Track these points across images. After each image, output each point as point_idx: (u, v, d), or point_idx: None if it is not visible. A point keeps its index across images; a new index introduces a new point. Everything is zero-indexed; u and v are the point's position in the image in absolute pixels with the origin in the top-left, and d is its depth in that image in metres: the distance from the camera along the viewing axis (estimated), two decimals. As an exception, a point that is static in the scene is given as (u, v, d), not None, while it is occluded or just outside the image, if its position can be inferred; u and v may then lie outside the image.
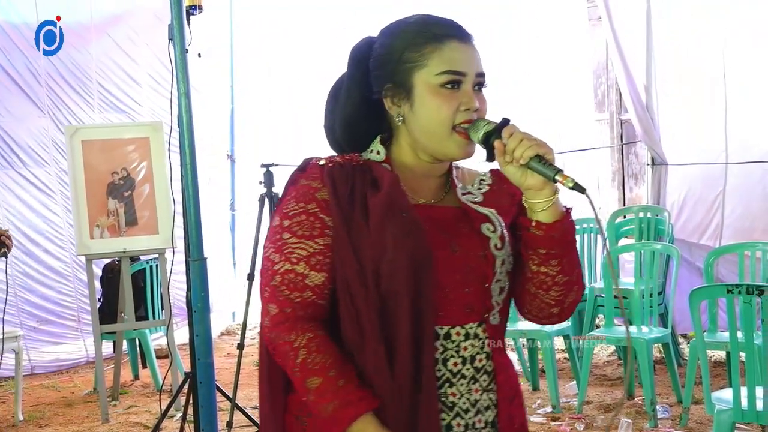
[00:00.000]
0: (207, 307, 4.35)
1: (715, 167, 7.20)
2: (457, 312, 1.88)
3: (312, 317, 1.88)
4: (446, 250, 1.87)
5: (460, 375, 1.89)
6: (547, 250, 1.86)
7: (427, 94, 1.88)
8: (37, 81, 7.77)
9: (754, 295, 4.11)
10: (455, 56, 1.88)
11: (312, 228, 1.87)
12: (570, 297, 1.93)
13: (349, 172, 1.90)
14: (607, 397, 6.17)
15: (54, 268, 7.87)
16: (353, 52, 2.02)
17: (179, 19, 4.30)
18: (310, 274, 1.87)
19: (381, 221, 1.84)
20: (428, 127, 1.89)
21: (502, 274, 1.92)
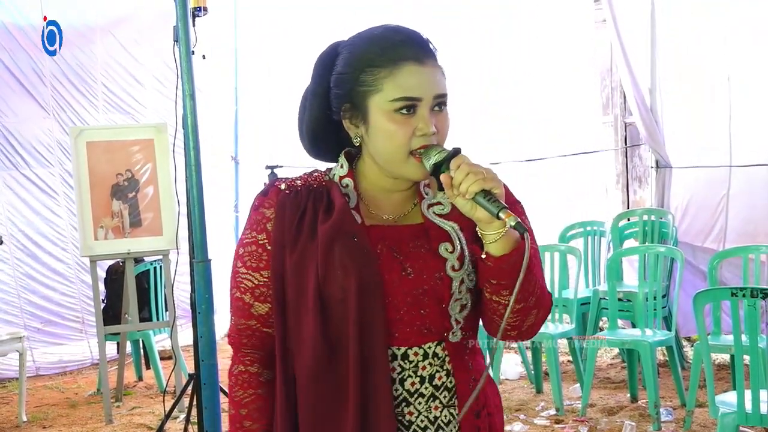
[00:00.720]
0: (211, 309, 4.35)
1: (720, 170, 7.19)
2: (413, 333, 1.88)
3: (254, 346, 1.98)
4: (398, 273, 1.86)
5: (418, 394, 1.90)
6: (497, 281, 1.82)
7: (381, 119, 1.85)
8: (42, 82, 7.78)
9: (758, 298, 4.11)
10: (410, 81, 1.84)
11: (259, 260, 1.94)
12: (528, 321, 1.89)
13: (304, 197, 1.92)
14: (610, 399, 6.17)
15: (57, 269, 7.88)
16: (318, 61, 2.00)
17: (184, 21, 4.31)
18: (255, 305, 1.96)
19: (329, 246, 1.85)
20: (384, 152, 1.88)
21: (462, 293, 1.89)
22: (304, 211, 1.91)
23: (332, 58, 1.96)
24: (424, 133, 1.84)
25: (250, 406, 1.96)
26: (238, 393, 1.97)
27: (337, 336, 1.85)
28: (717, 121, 7.16)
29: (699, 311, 4.45)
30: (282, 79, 9.05)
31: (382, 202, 1.95)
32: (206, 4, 4.84)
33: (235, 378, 1.98)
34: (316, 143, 2.01)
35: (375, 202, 1.95)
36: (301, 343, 1.89)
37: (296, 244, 1.89)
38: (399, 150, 1.85)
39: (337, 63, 1.93)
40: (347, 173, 1.95)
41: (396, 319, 1.86)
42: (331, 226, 1.86)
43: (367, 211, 1.93)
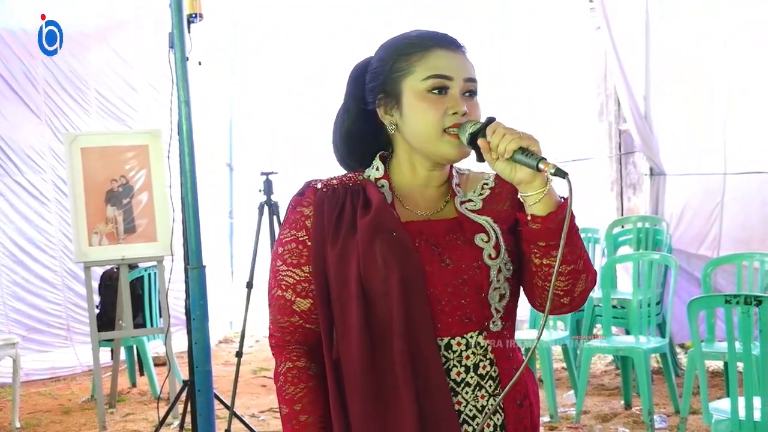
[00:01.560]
0: (205, 315, 4.36)
1: (714, 178, 7.21)
2: (455, 323, 1.92)
3: (298, 342, 2.01)
4: (437, 264, 1.92)
5: (464, 383, 1.93)
6: (546, 242, 1.87)
7: (414, 99, 1.93)
8: (34, 88, 7.77)
9: (752, 305, 4.11)
10: (440, 62, 1.93)
11: (300, 256, 1.98)
12: (579, 286, 1.94)
13: (341, 195, 1.98)
14: (604, 406, 6.17)
15: (44, 276, 7.86)
16: (352, 71, 2.08)
17: (180, 27, 4.32)
18: (297, 301, 1.98)
19: (370, 241, 1.90)
20: (418, 132, 1.94)
21: (500, 282, 1.94)
22: (342, 207, 1.96)
23: (365, 64, 2.05)
24: (456, 111, 1.91)
25: (304, 400, 1.97)
26: (290, 390, 1.98)
27: (380, 330, 1.89)
28: (711, 129, 7.19)
29: (693, 318, 4.45)
30: (277, 86, 9.07)
31: (417, 198, 2.00)
32: (201, 10, 4.84)
33: (284, 376, 1.99)
34: (350, 143, 2.06)
35: (409, 199, 2.00)
36: (347, 335, 1.92)
37: (337, 238, 1.93)
38: (433, 128, 1.91)
39: (370, 64, 2.03)
40: (383, 175, 2.02)
41: (438, 310, 1.90)
42: (371, 221, 1.91)
43: (402, 209, 1.98)
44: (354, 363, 1.91)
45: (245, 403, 6.55)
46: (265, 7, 8.93)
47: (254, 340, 8.75)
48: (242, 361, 5.59)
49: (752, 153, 7.09)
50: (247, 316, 5.54)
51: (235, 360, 5.60)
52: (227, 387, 6.37)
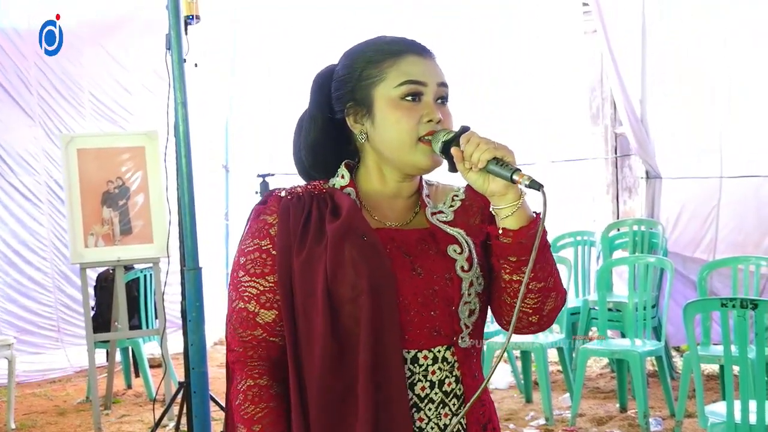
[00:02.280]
0: (201, 317, 4.35)
1: (710, 181, 7.22)
2: (424, 335, 1.86)
3: (261, 357, 1.91)
4: (408, 272, 1.85)
5: (428, 399, 1.87)
6: (516, 257, 1.81)
7: (387, 107, 1.88)
8: (27, 90, 7.77)
9: (748, 308, 4.12)
10: (413, 68, 1.88)
11: (264, 265, 1.90)
12: (548, 304, 1.88)
13: (307, 202, 1.91)
14: (600, 409, 6.17)
15: (35, 278, 7.86)
16: (316, 78, 2.02)
17: (177, 29, 4.31)
18: (260, 312, 1.90)
19: (339, 244, 1.83)
20: (392, 141, 1.88)
21: (471, 296, 1.89)
22: (309, 214, 1.89)
23: (329, 71, 2.00)
24: (431, 118, 1.86)
25: (264, 420, 1.87)
26: (249, 409, 1.87)
27: (346, 337, 1.82)
28: (708, 132, 7.19)
29: (689, 321, 4.46)
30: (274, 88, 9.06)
31: (385, 209, 1.95)
32: (198, 12, 4.84)
33: (243, 394, 1.89)
34: (315, 154, 1.99)
35: (378, 209, 1.94)
36: (310, 346, 1.84)
37: (303, 245, 1.86)
38: (407, 136, 1.86)
39: (336, 72, 1.97)
40: (348, 183, 1.95)
41: (407, 321, 1.84)
42: (341, 224, 1.85)
43: (369, 218, 1.92)
44: (315, 374, 1.83)
45: (241, 405, 6.54)
46: (262, 8, 8.93)
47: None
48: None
49: (748, 156, 7.09)
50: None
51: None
52: (222, 388, 6.33)
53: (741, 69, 7.07)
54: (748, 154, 7.08)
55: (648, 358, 5.91)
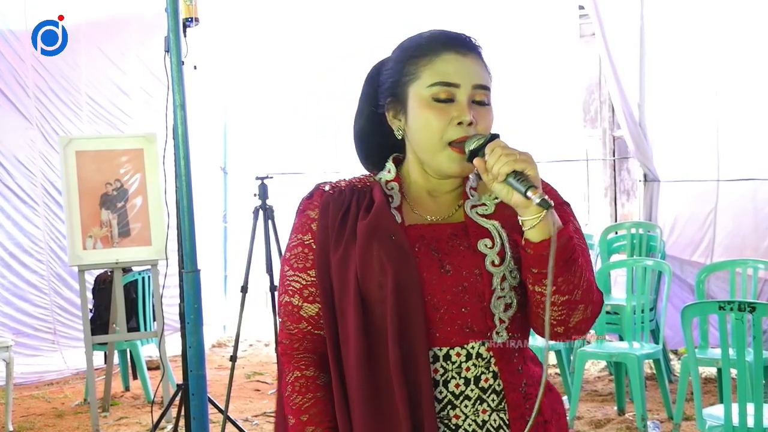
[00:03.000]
0: (200, 319, 4.35)
1: (707, 185, 7.23)
2: (455, 332, 1.84)
3: (307, 350, 1.95)
4: (436, 270, 1.84)
5: (464, 396, 1.86)
6: (538, 269, 1.78)
7: (418, 106, 1.86)
8: (24, 92, 7.76)
9: (746, 311, 4.12)
10: (447, 68, 1.85)
11: (305, 260, 1.92)
12: (575, 317, 1.84)
13: (348, 196, 1.92)
14: (598, 412, 6.17)
15: (30, 281, 7.84)
16: (372, 69, 2.02)
17: (176, 32, 4.31)
18: (304, 306, 1.93)
19: (366, 244, 1.84)
20: (421, 141, 1.88)
21: (505, 290, 1.86)
22: (347, 209, 1.91)
23: (381, 64, 2.00)
24: (461, 120, 1.83)
25: (311, 410, 1.91)
26: (297, 399, 1.92)
27: (377, 335, 1.83)
28: (705, 136, 7.20)
29: (687, 324, 4.46)
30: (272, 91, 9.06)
31: (427, 203, 1.94)
32: (197, 15, 4.85)
33: (291, 385, 1.93)
34: (361, 144, 2.03)
35: (420, 203, 1.94)
36: (346, 342, 1.86)
37: (340, 241, 1.88)
38: (435, 138, 1.84)
39: (385, 64, 1.97)
40: (394, 177, 1.96)
41: (436, 319, 1.83)
42: (368, 223, 1.86)
43: (410, 212, 1.92)
44: (352, 371, 1.85)
45: (239, 407, 6.54)
46: (261, 11, 8.93)
47: (248, 345, 8.74)
48: (236, 365, 5.59)
49: (745, 160, 7.10)
50: (242, 320, 5.54)
51: (228, 364, 5.60)
52: (221, 391, 6.37)
53: (738, 73, 7.09)
54: (746, 158, 7.09)
55: (646, 361, 5.91)
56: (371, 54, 2.21)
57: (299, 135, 9.06)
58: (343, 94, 8.21)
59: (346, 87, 8.20)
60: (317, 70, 8.73)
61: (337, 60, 8.61)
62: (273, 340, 5.69)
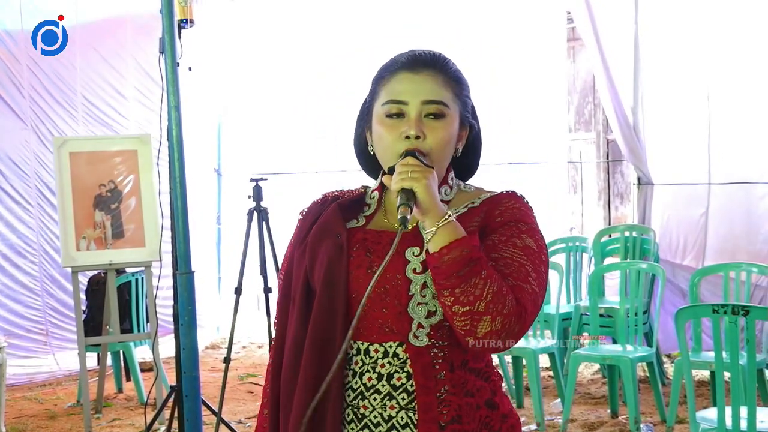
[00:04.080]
0: (194, 321, 4.35)
1: (699, 188, 7.24)
2: (375, 330, 1.97)
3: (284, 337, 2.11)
4: (363, 270, 1.97)
5: (374, 390, 1.96)
6: (435, 280, 1.87)
7: (375, 122, 2.02)
8: (20, 93, 7.75)
9: (739, 315, 4.13)
10: (399, 87, 1.98)
11: (290, 261, 2.10)
12: (481, 327, 1.85)
13: (327, 205, 2.08)
14: (591, 415, 6.18)
15: (23, 282, 7.83)
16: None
17: (170, 33, 4.31)
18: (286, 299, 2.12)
19: (317, 242, 2.02)
20: (380, 154, 2.03)
21: (426, 297, 1.93)
22: (319, 215, 2.08)
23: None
24: (408, 134, 1.95)
25: (270, 395, 2.09)
26: (265, 385, 2.14)
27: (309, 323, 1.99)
28: (696, 140, 7.22)
29: (681, 327, 4.47)
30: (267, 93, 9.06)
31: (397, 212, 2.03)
32: (192, 16, 4.85)
33: (267, 373, 2.14)
34: (359, 158, 2.16)
35: (393, 212, 2.03)
36: (288, 332, 2.05)
37: (303, 240, 2.06)
38: (388, 152, 1.98)
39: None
40: (377, 187, 2.12)
41: (360, 315, 1.88)
42: (319, 222, 2.04)
43: (381, 219, 2.07)
44: (285, 358, 2.03)
45: (232, 409, 6.54)
46: (256, 13, 8.94)
47: (241, 346, 8.74)
48: (229, 367, 5.58)
49: (737, 163, 7.12)
50: (236, 322, 5.53)
51: (222, 366, 5.59)
52: (214, 393, 6.36)
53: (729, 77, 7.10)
54: (737, 161, 7.11)
55: (639, 363, 5.92)
56: (371, 54, 2.27)
57: (297, 136, 9.05)
58: (343, 94, 8.22)
59: (345, 87, 8.22)
60: (317, 70, 8.72)
61: (336, 60, 8.61)
62: (266, 342, 5.68)
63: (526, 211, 2.00)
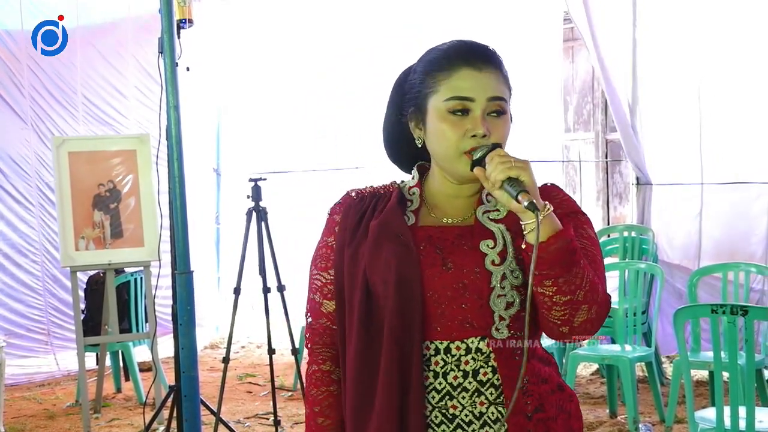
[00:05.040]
0: (192, 321, 4.35)
1: (697, 188, 7.25)
2: (455, 327, 1.94)
3: (326, 344, 2.10)
4: (438, 267, 1.94)
5: (461, 388, 1.94)
6: (539, 271, 1.85)
7: (436, 119, 1.96)
8: (20, 92, 7.75)
9: (738, 315, 4.13)
10: (463, 84, 1.94)
11: (327, 260, 2.07)
12: (579, 316, 1.90)
13: (368, 201, 2.07)
14: (590, 415, 6.18)
15: (24, 281, 7.83)
16: (400, 75, 2.14)
17: (170, 33, 4.31)
18: (324, 302, 2.08)
19: (376, 242, 1.97)
20: (439, 151, 1.99)
21: (505, 289, 1.94)
22: (365, 212, 2.05)
23: (408, 73, 2.10)
24: (475, 134, 1.93)
25: (323, 403, 2.07)
26: (312, 391, 2.09)
27: (378, 329, 1.94)
28: (692, 140, 7.22)
29: (679, 327, 4.46)
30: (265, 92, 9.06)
31: (445, 207, 2.05)
32: (191, 16, 4.85)
33: (309, 378, 2.10)
34: (389, 148, 2.16)
35: (438, 207, 2.05)
36: (351, 336, 1.99)
37: (353, 240, 2.02)
38: (450, 149, 1.94)
39: (411, 73, 2.08)
40: (416, 183, 2.09)
41: (438, 314, 1.93)
42: (379, 223, 2.00)
43: (427, 215, 2.04)
44: (351, 362, 1.98)
45: (231, 409, 6.54)
46: (257, 12, 8.93)
47: (240, 346, 8.74)
48: (228, 366, 5.58)
49: (734, 164, 7.12)
50: (235, 322, 5.53)
51: (220, 366, 5.59)
52: (213, 393, 6.37)
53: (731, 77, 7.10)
54: (734, 162, 7.11)
55: (638, 363, 5.92)
56: (371, 54, 2.24)
57: (296, 135, 9.04)
58: (343, 94, 8.22)
59: (345, 87, 8.22)
60: (316, 70, 8.72)
61: (336, 60, 8.60)
62: (265, 342, 5.68)
63: (575, 201, 2.05)
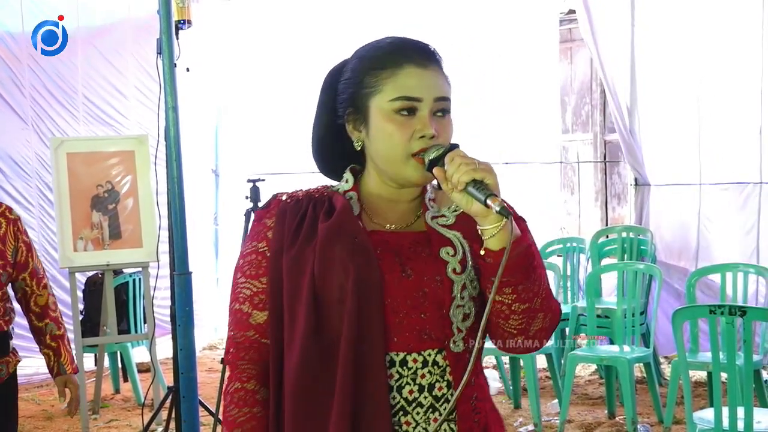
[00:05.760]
0: (191, 322, 4.34)
1: (695, 189, 7.25)
2: (413, 338, 1.83)
3: (252, 360, 1.93)
4: (397, 273, 1.83)
5: (416, 403, 1.84)
6: (501, 277, 1.73)
7: (381, 120, 1.85)
8: (20, 92, 7.74)
9: (736, 315, 4.13)
10: (409, 82, 1.84)
11: (258, 267, 1.91)
12: (535, 325, 1.83)
13: (305, 204, 1.92)
14: (588, 416, 6.18)
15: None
16: (327, 75, 2.02)
17: (168, 34, 4.31)
18: (254, 313, 1.91)
19: (329, 245, 1.83)
20: (384, 154, 1.86)
21: (464, 300, 1.84)
22: (303, 215, 1.90)
23: (340, 69, 1.98)
24: (424, 134, 1.82)
25: (245, 426, 1.89)
26: (233, 412, 1.91)
27: (330, 339, 1.80)
28: (695, 140, 7.22)
29: (678, 328, 4.47)
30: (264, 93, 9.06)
31: (386, 212, 1.93)
32: (190, 17, 4.85)
33: (230, 396, 1.92)
34: (320, 152, 2.02)
35: (378, 212, 1.93)
36: (291, 346, 1.83)
37: (293, 245, 1.86)
38: (398, 151, 1.83)
39: (343, 73, 1.95)
40: (352, 187, 1.95)
41: (395, 323, 1.81)
42: (331, 224, 1.85)
43: (369, 221, 1.91)
44: (293, 375, 1.83)
45: (229, 410, 6.52)
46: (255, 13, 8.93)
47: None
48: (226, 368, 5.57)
49: (731, 164, 7.13)
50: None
51: (219, 366, 5.59)
52: (211, 393, 6.36)
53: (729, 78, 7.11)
54: (731, 162, 7.12)
55: (636, 364, 5.93)
56: None
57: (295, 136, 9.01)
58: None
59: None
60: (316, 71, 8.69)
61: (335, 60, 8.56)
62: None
63: (513, 208, 1.90)
